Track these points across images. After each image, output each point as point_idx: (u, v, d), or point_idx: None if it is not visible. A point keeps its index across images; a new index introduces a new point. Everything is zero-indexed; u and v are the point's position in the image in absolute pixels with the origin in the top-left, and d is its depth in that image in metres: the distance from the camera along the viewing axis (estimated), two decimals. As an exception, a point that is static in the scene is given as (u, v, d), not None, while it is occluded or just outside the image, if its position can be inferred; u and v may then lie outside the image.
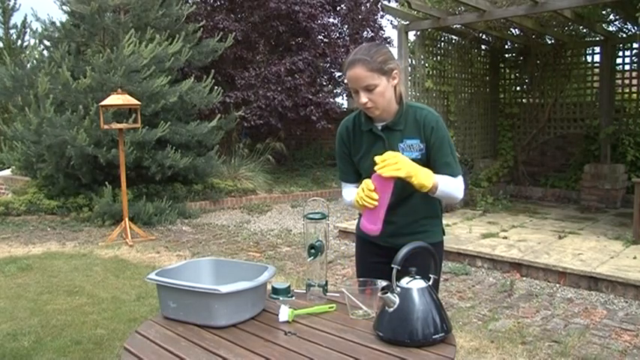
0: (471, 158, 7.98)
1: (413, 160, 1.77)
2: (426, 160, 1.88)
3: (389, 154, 1.69)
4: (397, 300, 1.51)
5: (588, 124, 7.73)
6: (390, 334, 1.50)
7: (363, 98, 1.81)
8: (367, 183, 1.70)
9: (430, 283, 1.59)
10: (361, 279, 1.83)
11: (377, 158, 1.69)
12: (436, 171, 1.81)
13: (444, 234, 2.04)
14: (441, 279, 4.48)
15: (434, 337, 1.48)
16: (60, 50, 7.26)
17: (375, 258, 2.03)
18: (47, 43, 8.06)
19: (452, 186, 1.82)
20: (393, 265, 1.54)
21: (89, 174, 7.21)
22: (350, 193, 1.97)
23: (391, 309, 1.51)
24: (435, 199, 1.91)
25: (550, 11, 6.12)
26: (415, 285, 1.54)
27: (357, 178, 2.00)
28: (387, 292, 1.54)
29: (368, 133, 1.93)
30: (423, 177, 1.72)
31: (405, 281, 1.56)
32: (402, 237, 1.90)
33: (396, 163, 1.66)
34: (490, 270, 4.80)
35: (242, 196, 8.47)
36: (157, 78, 6.98)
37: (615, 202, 7.13)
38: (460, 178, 1.86)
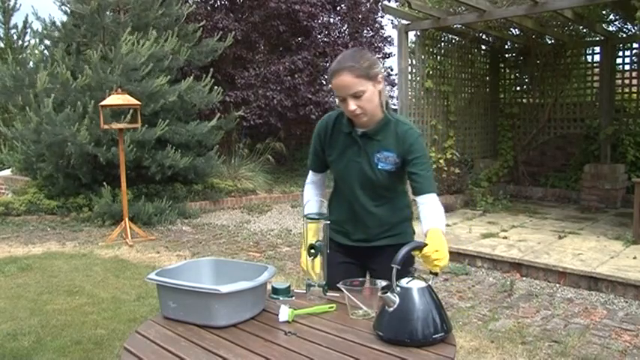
0: (471, 158, 7.97)
1: (386, 171, 1.86)
2: (399, 174, 1.91)
3: (437, 252, 1.60)
4: (397, 300, 1.51)
5: (588, 124, 7.73)
6: (390, 334, 1.50)
7: (352, 105, 1.80)
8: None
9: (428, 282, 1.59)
10: (361, 279, 1.83)
11: (427, 253, 1.60)
12: (416, 184, 1.83)
13: (414, 233, 2.05)
14: (441, 279, 4.51)
15: (434, 337, 1.48)
16: (59, 49, 7.25)
17: (343, 258, 2.04)
18: (47, 42, 8.06)
19: (442, 215, 1.79)
20: (392, 265, 1.54)
21: (89, 174, 7.21)
22: (315, 180, 2.15)
23: (391, 309, 1.51)
24: (406, 205, 2.02)
25: (550, 11, 6.12)
26: (415, 285, 1.54)
27: (324, 169, 2.11)
28: (387, 292, 1.54)
29: (346, 135, 1.94)
30: (447, 250, 1.65)
31: (405, 281, 1.56)
32: (374, 240, 2.00)
33: (444, 258, 1.61)
34: (490, 270, 4.80)
35: (242, 196, 8.47)
36: (157, 77, 6.98)
37: (615, 202, 7.13)
38: (436, 196, 1.84)
